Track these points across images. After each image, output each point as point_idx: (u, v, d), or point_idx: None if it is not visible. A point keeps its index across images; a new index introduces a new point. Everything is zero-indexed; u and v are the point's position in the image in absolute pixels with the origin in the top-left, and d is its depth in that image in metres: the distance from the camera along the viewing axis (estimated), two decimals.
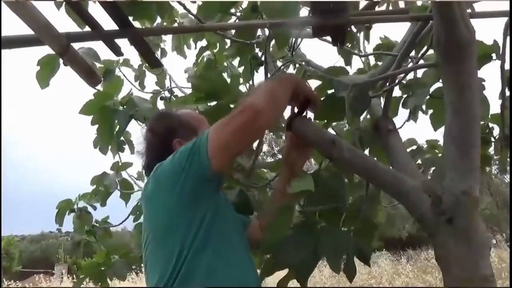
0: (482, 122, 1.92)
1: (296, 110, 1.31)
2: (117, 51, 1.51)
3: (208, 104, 1.53)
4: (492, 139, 1.94)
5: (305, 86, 1.28)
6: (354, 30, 2.24)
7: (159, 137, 1.31)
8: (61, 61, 1.93)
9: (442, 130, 1.76)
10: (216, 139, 1.06)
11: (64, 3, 1.78)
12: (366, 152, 1.72)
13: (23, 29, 1.28)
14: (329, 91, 1.45)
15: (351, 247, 1.39)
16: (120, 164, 2.62)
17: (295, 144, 1.37)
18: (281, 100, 1.17)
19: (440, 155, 2.12)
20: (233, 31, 2.08)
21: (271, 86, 1.16)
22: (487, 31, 1.67)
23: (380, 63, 2.21)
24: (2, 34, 1.29)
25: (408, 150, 2.04)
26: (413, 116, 1.75)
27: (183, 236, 1.07)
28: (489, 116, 1.89)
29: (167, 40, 3.00)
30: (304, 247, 1.35)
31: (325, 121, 1.56)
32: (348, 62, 2.29)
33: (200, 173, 1.07)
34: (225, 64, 2.75)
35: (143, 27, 1.85)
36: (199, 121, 1.36)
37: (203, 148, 1.06)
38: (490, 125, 1.95)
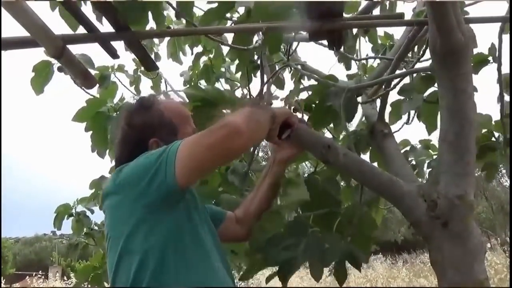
0: (485, 130, 1.90)
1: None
2: (113, 54, 1.49)
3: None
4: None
5: (285, 111, 1.27)
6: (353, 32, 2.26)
7: (135, 132, 1.19)
8: (55, 67, 1.94)
9: (435, 132, 1.78)
10: (186, 154, 0.97)
11: (60, 5, 1.77)
12: (365, 156, 1.73)
13: (19, 31, 1.27)
14: (321, 100, 1.46)
15: (343, 252, 1.38)
16: None
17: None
18: (262, 125, 1.12)
19: (434, 156, 2.14)
20: (228, 37, 2.07)
21: (254, 110, 1.10)
22: (482, 34, 1.68)
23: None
24: None
25: (402, 151, 2.05)
26: (407, 118, 1.77)
27: (143, 244, 0.99)
28: (493, 123, 1.87)
29: (161, 45, 3.00)
30: (291, 248, 1.35)
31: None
32: (348, 67, 2.31)
33: (162, 188, 0.99)
34: (222, 69, 2.75)
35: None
36: (182, 120, 1.25)
37: (170, 161, 0.97)
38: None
